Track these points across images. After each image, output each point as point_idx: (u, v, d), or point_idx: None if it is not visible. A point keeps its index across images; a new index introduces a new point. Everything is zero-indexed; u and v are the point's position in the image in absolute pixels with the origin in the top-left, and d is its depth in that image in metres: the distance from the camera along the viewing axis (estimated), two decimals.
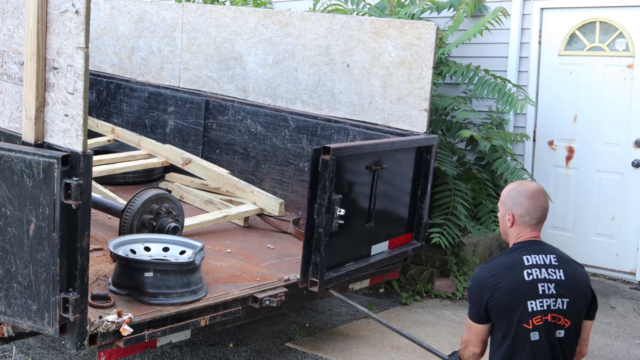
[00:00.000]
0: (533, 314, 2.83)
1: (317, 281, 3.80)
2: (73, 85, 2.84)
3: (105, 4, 6.64)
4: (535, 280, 2.86)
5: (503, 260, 2.93)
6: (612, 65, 6.19)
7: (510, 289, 2.84)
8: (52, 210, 2.77)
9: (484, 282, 2.88)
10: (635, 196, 6.16)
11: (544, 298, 2.86)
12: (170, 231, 4.09)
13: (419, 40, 4.73)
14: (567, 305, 2.91)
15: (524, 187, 3.02)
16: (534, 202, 2.96)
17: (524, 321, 2.83)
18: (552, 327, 2.87)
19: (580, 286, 3.01)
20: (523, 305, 2.83)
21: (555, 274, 2.93)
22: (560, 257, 2.98)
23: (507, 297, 2.84)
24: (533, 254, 2.92)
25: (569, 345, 2.92)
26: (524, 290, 2.84)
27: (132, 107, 6.48)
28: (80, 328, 2.89)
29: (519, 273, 2.86)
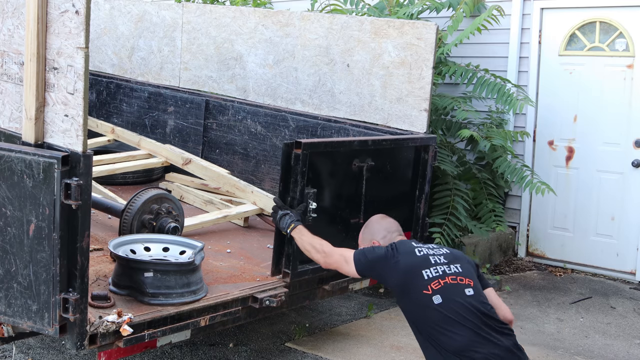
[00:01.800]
0: (430, 280, 3.07)
1: (289, 272, 3.80)
2: (73, 86, 2.84)
3: (105, 4, 6.64)
4: (425, 255, 3.18)
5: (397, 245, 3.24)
6: (612, 65, 6.19)
7: (406, 263, 3.14)
8: (52, 211, 2.77)
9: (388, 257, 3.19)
10: (635, 196, 6.17)
11: (437, 266, 3.14)
12: (170, 231, 4.09)
13: (419, 40, 4.73)
14: (461, 268, 3.16)
15: (368, 222, 3.54)
16: (383, 223, 3.47)
17: (423, 288, 3.05)
18: (456, 287, 3.07)
19: (464, 257, 3.29)
20: (418, 275, 3.09)
21: (440, 250, 3.26)
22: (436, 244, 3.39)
23: (404, 270, 3.12)
24: (413, 242, 3.32)
25: (486, 301, 3.10)
26: (418, 262, 3.13)
27: (132, 107, 6.48)
28: (80, 328, 2.89)
29: (412, 252, 3.19)
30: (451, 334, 2.96)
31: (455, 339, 2.95)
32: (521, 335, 4.95)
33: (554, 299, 5.75)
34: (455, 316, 2.97)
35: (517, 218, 6.79)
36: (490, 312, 3.05)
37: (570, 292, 5.92)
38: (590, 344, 4.88)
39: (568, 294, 5.89)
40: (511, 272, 6.43)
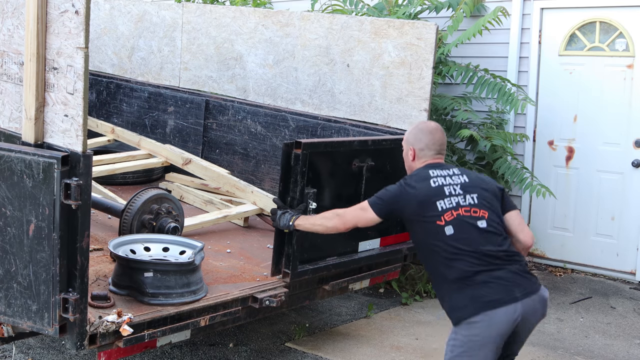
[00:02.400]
0: (443, 211, 3.12)
1: (289, 272, 3.80)
2: (73, 86, 2.84)
3: (105, 4, 6.64)
4: (440, 186, 3.20)
5: (412, 178, 3.28)
6: (612, 65, 6.19)
7: (420, 194, 3.17)
8: (52, 211, 2.77)
9: (401, 191, 3.23)
10: (635, 196, 6.16)
11: (451, 197, 3.17)
12: (170, 231, 4.09)
13: (419, 40, 4.73)
14: (477, 199, 3.20)
15: (423, 125, 3.44)
16: (432, 137, 3.36)
17: (436, 219, 3.11)
18: (469, 219, 3.12)
19: (485, 183, 3.31)
20: (433, 206, 3.13)
21: (460, 178, 3.27)
22: (462, 169, 3.36)
23: (418, 201, 3.16)
24: (437, 169, 3.28)
25: (498, 233, 3.15)
26: (433, 193, 3.16)
27: (132, 107, 6.48)
28: (80, 328, 2.89)
29: (426, 183, 3.21)
30: (458, 263, 3.06)
31: (461, 267, 3.05)
32: None
33: (554, 299, 5.75)
34: (465, 247, 3.07)
35: None
36: (501, 244, 3.11)
37: (570, 292, 5.92)
38: (590, 344, 4.88)
39: (568, 294, 5.89)
40: None
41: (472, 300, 3.01)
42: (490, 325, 3.00)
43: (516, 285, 3.05)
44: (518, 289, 3.04)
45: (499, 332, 3.02)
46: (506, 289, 3.03)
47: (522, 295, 3.04)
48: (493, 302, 3.00)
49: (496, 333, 3.02)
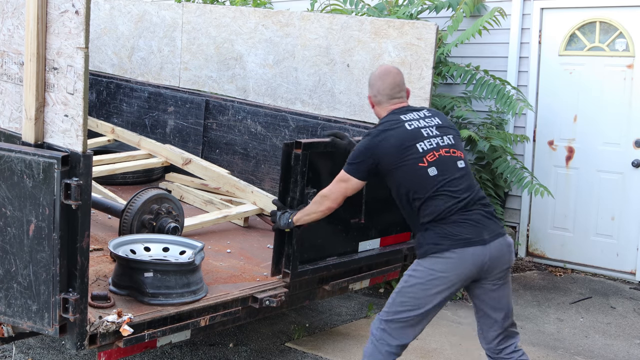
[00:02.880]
0: (425, 152, 3.16)
1: (289, 272, 3.80)
2: (73, 86, 2.84)
3: (105, 4, 6.64)
4: (417, 128, 3.22)
5: (384, 124, 3.26)
6: (612, 65, 6.19)
7: (398, 139, 3.17)
8: (52, 211, 2.77)
9: (373, 142, 3.20)
10: (635, 196, 6.17)
11: (430, 138, 3.21)
12: (170, 231, 4.09)
13: (419, 40, 4.73)
14: (453, 140, 3.28)
15: (377, 71, 3.44)
16: (382, 82, 3.37)
17: (419, 161, 3.14)
18: (450, 160, 3.20)
19: (451, 125, 3.39)
20: (413, 148, 3.16)
21: (433, 120, 3.31)
22: (432, 110, 3.40)
23: (397, 146, 3.16)
24: (408, 113, 3.30)
25: (470, 170, 3.27)
26: (411, 136, 3.18)
27: (132, 107, 6.48)
28: (80, 328, 2.89)
29: (401, 127, 3.21)
30: (436, 202, 3.12)
31: (438, 207, 3.11)
32: (521, 335, 4.95)
33: (554, 299, 5.75)
34: (446, 187, 3.13)
35: (517, 218, 6.78)
36: (474, 186, 3.23)
37: (570, 292, 5.92)
38: (590, 344, 4.88)
39: (568, 294, 5.89)
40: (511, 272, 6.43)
41: (444, 237, 3.10)
42: (458, 263, 3.09)
43: (485, 227, 3.15)
44: (487, 232, 3.14)
45: (465, 273, 3.11)
46: (477, 230, 3.13)
47: (490, 237, 3.15)
48: (464, 240, 3.09)
49: (462, 273, 3.11)
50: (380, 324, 3.27)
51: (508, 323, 3.30)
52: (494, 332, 3.30)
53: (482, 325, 3.34)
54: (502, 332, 3.29)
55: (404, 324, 3.21)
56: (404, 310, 3.19)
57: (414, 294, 3.16)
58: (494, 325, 3.29)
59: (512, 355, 3.30)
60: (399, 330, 3.23)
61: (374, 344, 3.27)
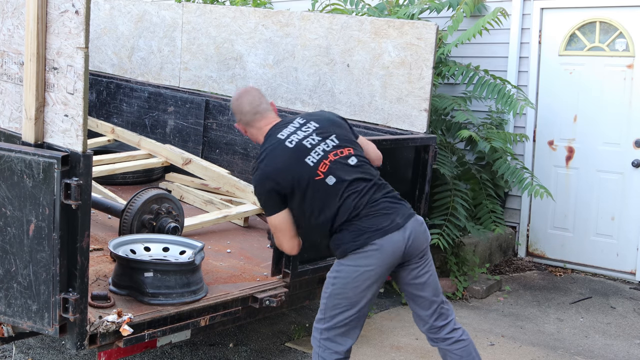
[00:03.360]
0: (316, 164, 3.15)
1: (289, 272, 3.80)
2: (73, 86, 2.84)
3: (105, 4, 6.64)
4: (298, 142, 3.20)
5: (265, 151, 3.23)
6: (612, 65, 6.19)
7: (284, 161, 3.15)
8: (52, 211, 2.77)
9: (265, 174, 3.17)
10: (635, 196, 6.17)
11: (315, 147, 3.19)
12: (170, 231, 4.09)
13: (419, 40, 4.73)
14: (337, 139, 3.25)
15: (234, 99, 3.45)
16: (239, 101, 3.40)
17: (314, 175, 3.14)
18: (341, 162, 3.19)
19: (332, 120, 3.37)
20: (303, 165, 3.15)
21: (309, 126, 3.28)
22: (305, 115, 3.38)
23: (285, 169, 3.14)
24: (282, 129, 3.27)
25: (367, 164, 3.29)
26: (296, 154, 3.16)
27: (132, 107, 6.48)
28: (80, 328, 2.89)
29: (283, 148, 3.19)
30: (344, 207, 3.13)
31: (347, 209, 3.13)
32: (521, 335, 4.96)
33: (554, 299, 5.76)
34: (347, 189, 3.14)
35: (517, 218, 6.79)
36: (373, 176, 3.25)
37: (570, 292, 5.92)
38: (590, 344, 4.88)
39: (568, 294, 5.89)
40: (511, 272, 6.43)
41: (361, 233, 3.11)
42: (380, 253, 3.12)
43: (396, 213, 3.19)
44: (398, 216, 3.18)
45: (389, 260, 3.15)
46: (389, 217, 3.16)
47: (403, 220, 3.19)
48: (380, 230, 3.12)
49: (386, 261, 3.14)
50: (321, 334, 3.24)
51: (438, 300, 3.33)
52: (427, 311, 3.33)
53: (415, 308, 3.38)
54: (435, 309, 3.32)
55: (344, 327, 3.21)
56: (340, 312, 3.19)
57: (345, 294, 3.16)
58: (424, 303, 3.32)
59: (453, 335, 3.33)
60: (342, 335, 3.22)
61: (320, 355, 3.24)
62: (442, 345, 3.37)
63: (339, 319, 3.20)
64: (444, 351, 3.38)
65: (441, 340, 3.35)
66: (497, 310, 5.46)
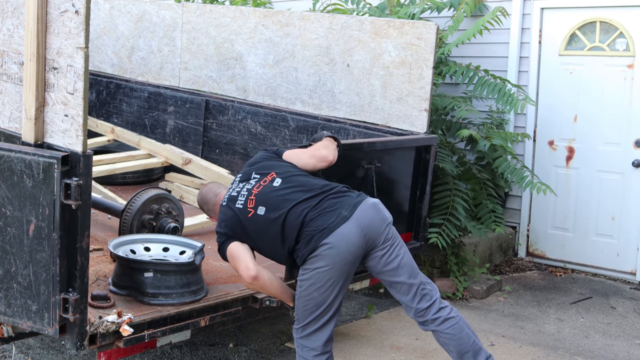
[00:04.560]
0: (245, 204, 3.31)
1: None
2: (73, 85, 2.83)
3: (105, 4, 6.64)
4: (229, 197, 3.39)
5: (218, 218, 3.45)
6: (612, 65, 6.19)
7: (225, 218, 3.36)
8: (52, 211, 2.77)
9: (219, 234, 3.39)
10: (635, 196, 6.16)
11: (241, 191, 3.37)
12: (170, 231, 4.09)
13: (419, 40, 4.73)
14: (256, 173, 3.42)
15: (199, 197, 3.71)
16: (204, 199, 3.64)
17: (246, 214, 3.29)
18: (265, 190, 3.32)
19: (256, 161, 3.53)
20: (235, 210, 3.32)
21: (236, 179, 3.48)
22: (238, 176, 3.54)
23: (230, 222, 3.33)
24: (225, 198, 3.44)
25: (292, 175, 3.38)
26: (231, 204, 3.35)
27: (132, 107, 6.48)
28: (80, 328, 2.89)
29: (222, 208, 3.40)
30: (288, 227, 3.21)
31: (292, 227, 3.21)
32: (521, 335, 4.96)
33: (554, 299, 5.75)
34: (284, 210, 3.23)
35: (517, 218, 6.78)
36: (304, 184, 3.32)
37: (571, 292, 5.92)
38: (590, 344, 4.88)
39: (568, 294, 5.89)
40: (511, 272, 6.43)
41: (311, 238, 3.17)
42: (335, 250, 3.14)
43: (340, 206, 3.21)
44: (343, 208, 3.20)
45: (347, 255, 3.17)
46: (333, 213, 3.19)
47: (349, 211, 3.20)
48: (326, 229, 3.15)
49: (344, 256, 3.16)
50: (297, 334, 3.37)
51: (417, 282, 3.31)
52: (407, 295, 3.31)
53: (396, 295, 3.37)
54: (415, 292, 3.30)
55: (315, 324, 3.29)
56: (310, 312, 3.28)
57: (311, 295, 3.24)
58: (403, 288, 3.31)
59: (441, 314, 3.31)
60: (315, 332, 3.30)
61: (301, 356, 3.35)
62: (432, 327, 3.33)
63: (310, 319, 3.29)
64: (437, 334, 3.35)
65: (430, 322, 3.32)
66: (497, 311, 5.46)
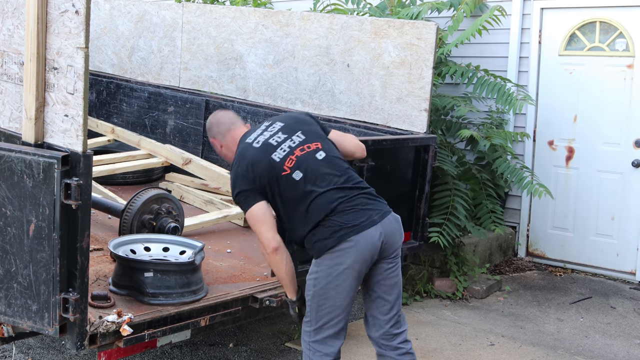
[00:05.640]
0: (282, 160, 3.15)
1: None
2: (73, 86, 2.84)
3: (105, 4, 6.64)
4: (265, 142, 3.22)
5: (236, 156, 3.26)
6: (612, 65, 6.19)
7: (254, 160, 3.17)
8: (52, 211, 2.77)
9: (237, 174, 3.18)
10: (635, 196, 6.16)
11: (281, 144, 3.20)
12: (170, 231, 4.09)
13: (419, 40, 4.73)
14: (303, 134, 3.26)
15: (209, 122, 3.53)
16: (217, 117, 3.48)
17: (281, 171, 3.13)
18: (308, 156, 3.18)
19: (298, 117, 3.41)
20: (270, 161, 3.15)
21: (275, 126, 3.30)
22: (271, 119, 3.39)
23: (256, 166, 3.14)
24: (250, 134, 3.30)
25: (336, 156, 3.26)
26: (263, 152, 3.18)
27: (132, 107, 6.48)
28: (80, 328, 2.89)
29: (251, 148, 3.21)
30: (318, 201, 3.10)
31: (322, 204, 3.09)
32: (521, 335, 4.96)
33: (554, 299, 5.75)
34: (318, 183, 3.12)
35: (517, 218, 6.78)
36: (345, 172, 3.22)
37: (570, 292, 5.92)
38: (590, 344, 4.88)
39: (568, 294, 5.89)
40: (511, 272, 6.43)
41: (337, 230, 3.07)
42: (357, 250, 3.08)
43: (372, 209, 3.16)
44: (374, 212, 3.15)
45: (366, 257, 3.11)
46: (365, 213, 3.13)
47: (380, 217, 3.15)
48: (356, 227, 3.08)
49: (363, 258, 3.10)
50: (310, 337, 3.22)
51: (398, 306, 3.29)
52: (386, 315, 3.26)
53: (373, 310, 3.29)
54: (393, 315, 3.27)
55: (333, 328, 3.18)
56: (325, 313, 3.16)
57: (328, 295, 3.12)
58: (386, 307, 3.26)
59: (405, 346, 3.29)
60: (331, 337, 3.19)
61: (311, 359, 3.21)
62: (390, 354, 3.28)
63: (326, 320, 3.17)
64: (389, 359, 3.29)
65: (392, 348, 3.28)
66: (497, 310, 5.46)
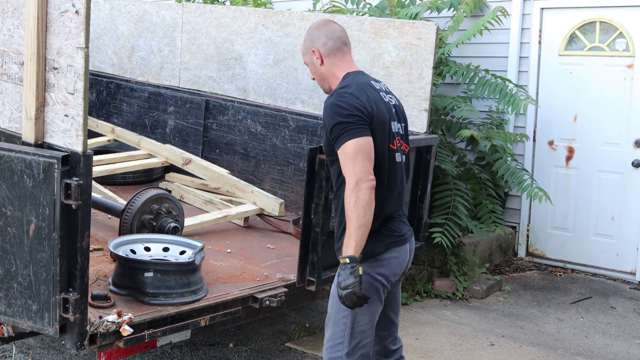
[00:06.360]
0: (394, 135, 2.86)
1: (314, 280, 3.79)
2: (73, 85, 2.83)
3: (105, 4, 6.64)
4: (389, 102, 2.87)
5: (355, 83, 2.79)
6: (612, 65, 6.20)
7: (380, 107, 2.78)
8: (52, 211, 2.77)
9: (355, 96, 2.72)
10: (635, 196, 6.17)
11: (396, 120, 2.89)
12: (170, 231, 4.09)
13: (419, 40, 4.73)
14: (403, 130, 2.98)
15: (314, 25, 2.98)
16: (331, 28, 2.94)
17: (390, 142, 2.83)
18: (399, 150, 2.92)
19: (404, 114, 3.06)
20: (389, 126, 2.82)
21: (393, 99, 2.94)
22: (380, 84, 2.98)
23: (381, 113, 2.77)
24: (374, 82, 2.90)
25: (408, 168, 3.03)
26: (387, 110, 2.83)
27: (132, 107, 6.48)
28: (80, 328, 2.89)
29: (377, 94, 2.81)
30: (391, 195, 2.89)
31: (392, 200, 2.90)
32: (521, 335, 4.96)
33: (554, 299, 5.75)
34: (396, 177, 2.91)
35: (517, 218, 6.78)
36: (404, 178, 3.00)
37: (571, 292, 5.92)
38: (590, 344, 4.88)
39: (568, 294, 5.89)
40: (511, 272, 6.43)
41: (387, 235, 2.87)
42: (397, 262, 2.92)
43: (407, 224, 3.03)
44: (407, 228, 3.02)
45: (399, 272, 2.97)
46: (406, 226, 3.02)
47: (409, 234, 3.03)
48: (401, 238, 2.94)
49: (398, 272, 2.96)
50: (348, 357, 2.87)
51: (397, 323, 3.21)
52: (386, 331, 3.16)
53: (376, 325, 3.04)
54: (392, 331, 3.19)
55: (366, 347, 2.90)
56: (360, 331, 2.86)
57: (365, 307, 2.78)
58: (388, 323, 3.15)
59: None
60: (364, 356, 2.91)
61: None
62: None
63: (360, 338, 2.85)
64: None
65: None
66: (497, 310, 5.46)
